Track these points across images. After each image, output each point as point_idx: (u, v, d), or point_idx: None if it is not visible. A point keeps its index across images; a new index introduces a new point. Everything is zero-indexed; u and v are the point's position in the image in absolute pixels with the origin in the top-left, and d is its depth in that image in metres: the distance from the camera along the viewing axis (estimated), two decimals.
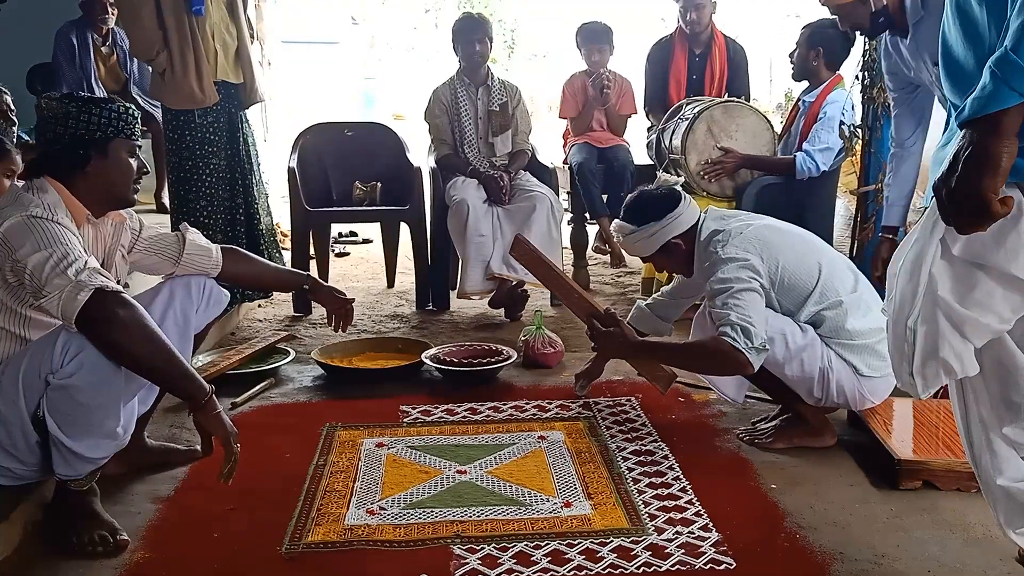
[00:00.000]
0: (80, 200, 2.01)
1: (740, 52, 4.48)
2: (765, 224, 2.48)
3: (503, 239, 3.86)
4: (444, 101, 4.13)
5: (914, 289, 1.38)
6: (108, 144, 2.01)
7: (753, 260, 2.35)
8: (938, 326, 1.36)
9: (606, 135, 4.63)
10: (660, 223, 2.50)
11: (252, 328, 3.78)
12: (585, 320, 2.64)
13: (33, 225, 1.86)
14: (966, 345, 1.37)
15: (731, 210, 2.56)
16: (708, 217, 2.53)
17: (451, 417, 2.75)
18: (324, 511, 2.12)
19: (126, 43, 4.68)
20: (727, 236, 2.41)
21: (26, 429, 1.89)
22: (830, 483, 2.26)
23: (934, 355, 1.38)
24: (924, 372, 1.40)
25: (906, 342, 1.41)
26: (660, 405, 2.81)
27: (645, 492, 2.21)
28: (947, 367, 1.38)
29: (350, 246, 5.69)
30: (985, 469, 1.54)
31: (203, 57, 3.41)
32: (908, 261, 1.41)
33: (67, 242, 1.86)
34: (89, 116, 1.99)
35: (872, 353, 2.37)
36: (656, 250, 2.55)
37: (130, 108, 2.07)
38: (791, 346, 2.35)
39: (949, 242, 1.35)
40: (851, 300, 2.38)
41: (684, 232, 2.51)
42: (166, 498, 2.21)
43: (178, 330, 2.18)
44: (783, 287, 2.39)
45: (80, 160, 1.99)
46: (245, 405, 2.85)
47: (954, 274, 1.36)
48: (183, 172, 3.50)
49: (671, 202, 2.51)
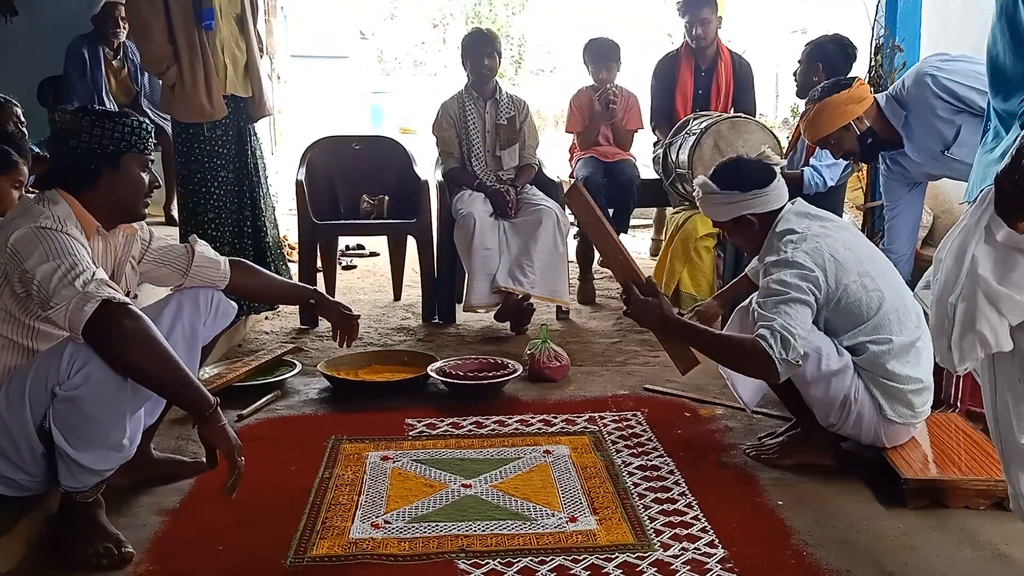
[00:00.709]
0: (91, 212, 2.02)
1: (746, 68, 4.50)
2: (845, 240, 2.37)
3: (509, 253, 3.86)
4: (452, 115, 4.15)
5: (958, 271, 1.48)
6: (120, 158, 2.02)
7: (818, 275, 2.27)
8: (976, 302, 1.46)
9: (612, 149, 4.64)
10: (744, 195, 2.40)
11: (259, 340, 3.79)
12: (622, 283, 2.47)
13: (42, 236, 1.87)
14: (1002, 320, 1.46)
15: (819, 209, 2.48)
16: (792, 209, 2.43)
17: (456, 431, 2.74)
18: (329, 525, 2.12)
19: (137, 57, 4.71)
20: (802, 239, 2.32)
21: (32, 441, 1.90)
22: (837, 500, 2.25)
23: (971, 328, 1.47)
24: (962, 344, 1.49)
25: (947, 317, 1.51)
26: (666, 420, 2.80)
27: (651, 507, 2.20)
28: (983, 340, 1.47)
29: (357, 259, 5.70)
30: (1009, 435, 1.57)
31: (213, 71, 3.44)
32: (954, 246, 1.51)
33: (76, 253, 1.87)
34: (102, 130, 2.00)
35: (903, 401, 2.31)
36: (729, 219, 2.46)
37: (143, 122, 2.08)
38: (823, 367, 2.29)
39: (994, 229, 1.44)
40: (902, 344, 2.31)
41: (763, 213, 2.41)
42: (171, 510, 2.21)
43: (185, 342, 2.19)
44: (838, 308, 2.32)
45: (92, 174, 2.01)
46: (251, 417, 2.85)
47: (995, 256, 1.45)
48: (191, 185, 3.52)
49: (762, 178, 2.41)
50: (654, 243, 5.58)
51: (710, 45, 4.37)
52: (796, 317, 2.21)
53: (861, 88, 2.92)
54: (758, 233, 2.44)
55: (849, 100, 2.88)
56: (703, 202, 2.53)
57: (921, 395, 2.35)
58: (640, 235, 6.28)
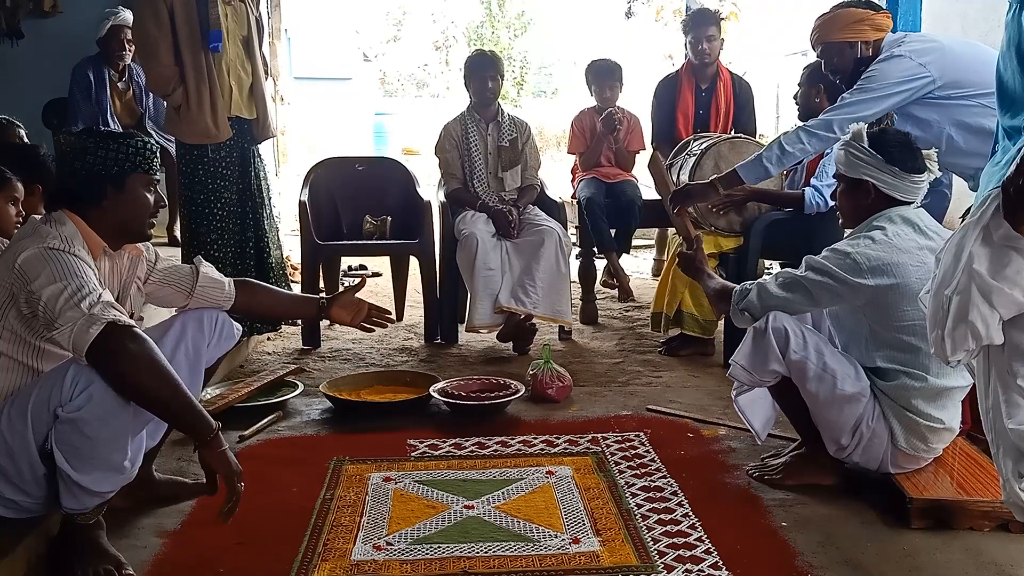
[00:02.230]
0: (97, 233, 2.03)
1: (746, 88, 4.53)
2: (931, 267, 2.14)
3: (512, 273, 3.87)
4: (455, 136, 4.17)
5: (955, 266, 1.57)
6: (125, 179, 2.04)
7: (866, 283, 2.23)
8: (970, 294, 1.54)
9: (614, 170, 4.67)
10: (882, 163, 2.30)
11: (261, 361, 3.79)
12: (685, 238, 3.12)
13: (49, 256, 1.88)
14: (992, 313, 1.54)
15: (931, 221, 2.38)
16: (902, 209, 2.33)
17: (459, 451, 2.74)
18: (330, 546, 2.11)
19: (142, 78, 4.76)
20: (885, 237, 2.27)
21: (33, 462, 1.89)
22: (841, 521, 2.24)
23: (964, 319, 1.55)
24: (954, 335, 1.57)
25: (942, 309, 1.59)
26: (669, 440, 2.80)
27: (654, 529, 2.19)
28: (974, 331, 1.55)
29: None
30: (998, 421, 1.62)
31: (218, 93, 3.47)
32: (953, 243, 1.60)
33: (82, 275, 1.88)
34: (107, 151, 2.02)
35: (919, 435, 2.28)
36: (852, 176, 2.36)
37: (148, 143, 2.10)
38: (837, 390, 2.28)
39: (993, 230, 1.52)
40: (937, 387, 2.26)
41: (884, 193, 2.33)
42: (172, 532, 2.20)
43: (189, 364, 2.19)
44: (888, 324, 2.28)
45: (97, 194, 2.02)
46: (253, 438, 2.85)
47: (991, 253, 1.53)
48: (195, 206, 3.54)
49: (912, 165, 2.31)
50: (656, 263, 5.59)
51: (713, 63, 4.41)
52: (789, 296, 2.33)
53: (885, 19, 3.00)
54: (866, 207, 2.37)
55: (870, 21, 2.97)
56: (843, 146, 2.41)
57: (939, 434, 2.31)
58: (642, 255, 6.29)
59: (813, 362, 2.29)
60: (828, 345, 2.35)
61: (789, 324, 2.32)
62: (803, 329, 2.33)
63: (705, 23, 4.39)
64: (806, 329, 2.35)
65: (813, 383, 2.30)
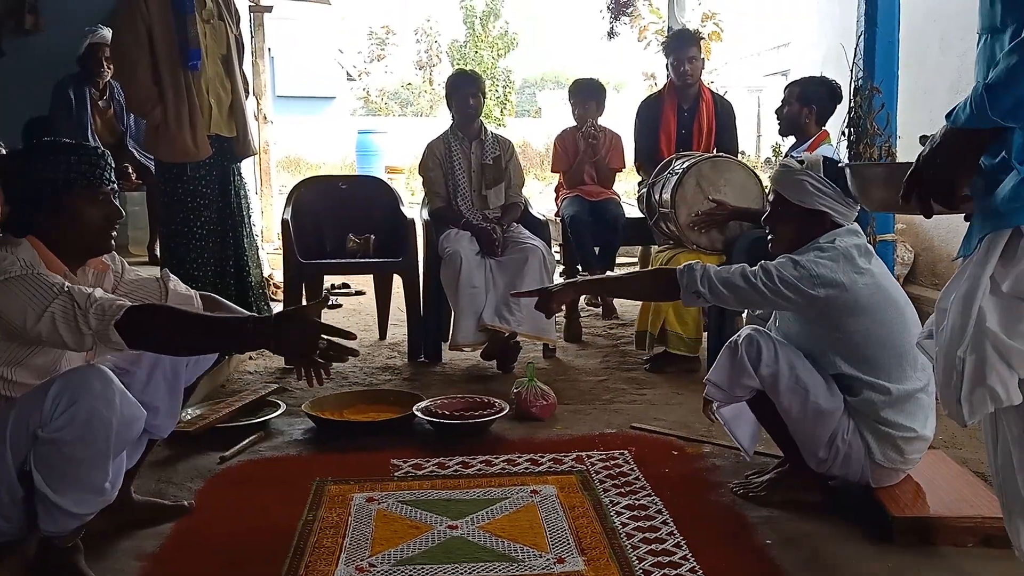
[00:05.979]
0: (56, 253, 1.98)
1: (727, 107, 4.58)
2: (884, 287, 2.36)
3: (496, 291, 3.87)
4: (438, 155, 4.18)
5: (964, 322, 1.47)
6: (62, 199, 1.97)
7: (820, 293, 2.28)
8: (986, 356, 1.44)
9: (597, 188, 4.70)
10: (838, 195, 2.36)
11: (242, 380, 3.76)
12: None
13: (20, 287, 1.82)
14: (1012, 374, 1.45)
15: (871, 249, 2.43)
16: (846, 232, 2.40)
17: (442, 471, 2.72)
18: (312, 568, 2.08)
19: (123, 97, 4.74)
20: (838, 257, 2.31)
21: (11, 484, 1.86)
22: (826, 538, 2.24)
23: (982, 383, 1.45)
24: (972, 399, 1.47)
25: (955, 371, 1.49)
26: (653, 458, 2.79)
27: (639, 547, 2.18)
28: (994, 394, 1.45)
29: (343, 298, 5.69)
30: (1011, 486, 1.54)
31: (198, 111, 3.45)
32: (959, 297, 1.49)
33: (51, 290, 1.83)
34: (43, 170, 1.95)
35: (893, 446, 2.30)
36: (804, 207, 2.39)
37: (88, 154, 2.01)
38: (810, 405, 2.30)
39: (999, 279, 1.44)
40: (900, 394, 2.30)
41: (823, 217, 2.38)
42: (151, 555, 2.16)
43: (167, 384, 2.17)
44: (845, 341, 2.33)
45: (40, 218, 1.96)
46: (234, 459, 2.81)
47: (1002, 308, 1.44)
48: (174, 224, 3.52)
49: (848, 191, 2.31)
50: None
51: (695, 84, 4.45)
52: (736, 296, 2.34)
53: None
54: (811, 233, 2.41)
55: None
56: (791, 174, 2.43)
57: (913, 444, 2.33)
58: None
59: (785, 375, 2.31)
60: (802, 359, 2.36)
61: (762, 338, 2.35)
62: (776, 342, 2.36)
63: (686, 44, 4.43)
64: (779, 342, 2.37)
65: (786, 396, 2.32)
